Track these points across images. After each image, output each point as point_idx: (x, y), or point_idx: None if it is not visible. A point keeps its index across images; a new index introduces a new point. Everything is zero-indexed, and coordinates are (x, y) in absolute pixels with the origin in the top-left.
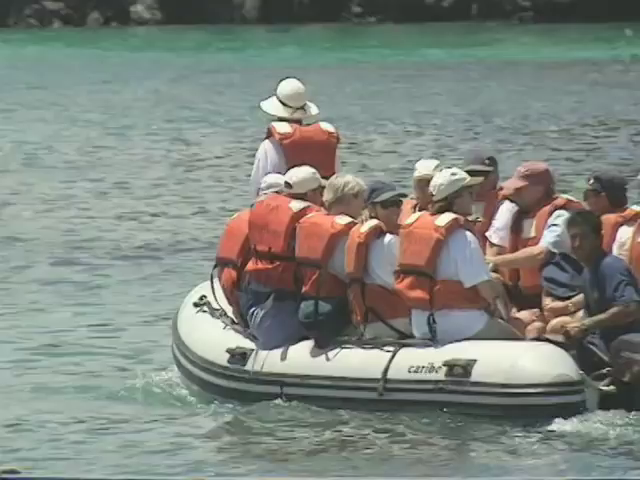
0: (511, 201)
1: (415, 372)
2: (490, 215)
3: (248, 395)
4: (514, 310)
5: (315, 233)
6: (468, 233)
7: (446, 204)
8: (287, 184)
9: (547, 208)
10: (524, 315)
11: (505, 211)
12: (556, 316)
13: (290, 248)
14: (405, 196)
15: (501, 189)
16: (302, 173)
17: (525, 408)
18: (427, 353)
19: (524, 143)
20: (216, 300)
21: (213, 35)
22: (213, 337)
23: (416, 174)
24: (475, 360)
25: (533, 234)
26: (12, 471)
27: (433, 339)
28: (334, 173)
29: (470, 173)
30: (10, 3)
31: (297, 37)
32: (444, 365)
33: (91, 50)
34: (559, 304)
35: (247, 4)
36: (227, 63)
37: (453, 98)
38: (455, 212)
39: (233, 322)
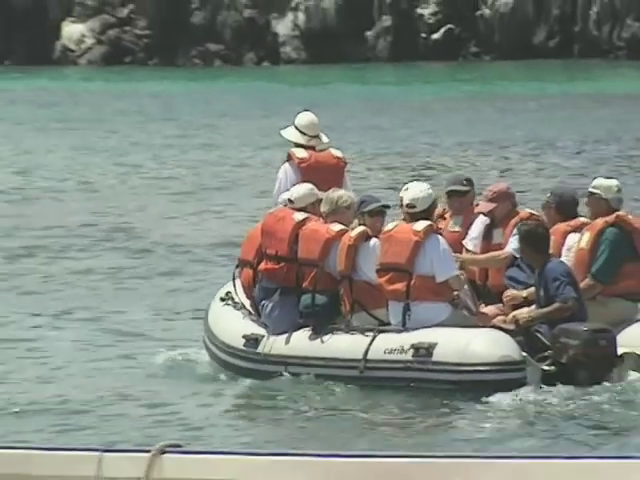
0: (485, 215)
1: (389, 353)
2: (467, 226)
3: (259, 374)
4: (482, 305)
5: (313, 238)
6: (440, 237)
7: (425, 214)
8: (289, 200)
9: (513, 220)
10: (490, 309)
11: (479, 223)
12: (513, 303)
13: (293, 252)
14: (388, 207)
15: (477, 205)
16: (302, 190)
17: (475, 383)
18: (399, 337)
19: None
20: (237, 295)
21: (349, 71)
22: (233, 325)
23: (448, 189)
24: (436, 343)
25: (500, 241)
26: (174, 445)
27: (405, 326)
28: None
29: (451, 192)
30: (178, 46)
31: (422, 73)
32: (412, 347)
33: (247, 84)
34: (515, 292)
35: (379, 45)
36: (359, 96)
37: (567, 126)
38: (429, 220)
39: (250, 313)
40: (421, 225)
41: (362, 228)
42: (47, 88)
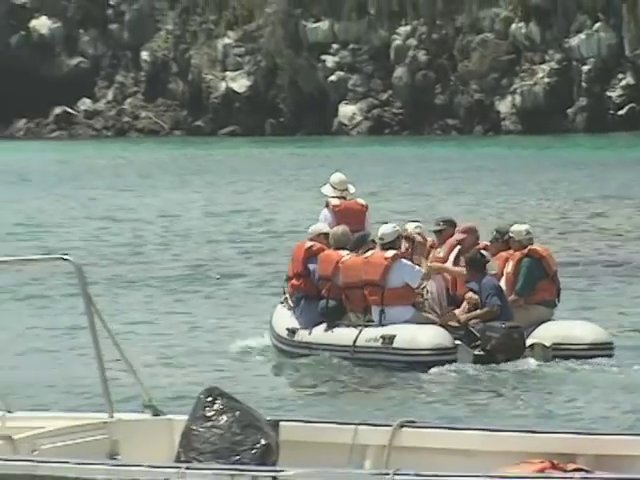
0: (458, 242)
1: (368, 342)
2: (448, 252)
3: (296, 355)
4: (452, 308)
5: (327, 261)
6: (403, 259)
7: (391, 244)
8: (325, 235)
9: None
10: (457, 311)
11: (453, 252)
12: (471, 303)
13: (306, 271)
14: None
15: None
16: (339, 230)
17: (418, 363)
18: (375, 331)
19: None
20: (287, 300)
21: (553, 139)
22: (283, 321)
23: (432, 228)
24: (395, 335)
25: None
26: (410, 421)
27: (381, 323)
28: (364, 229)
29: (434, 231)
30: (424, 120)
31: (610, 141)
32: (381, 338)
33: (475, 150)
34: (472, 295)
35: (577, 119)
36: (562, 157)
37: None
38: (394, 249)
39: (294, 313)
40: (390, 253)
41: (392, 252)
42: (330, 154)
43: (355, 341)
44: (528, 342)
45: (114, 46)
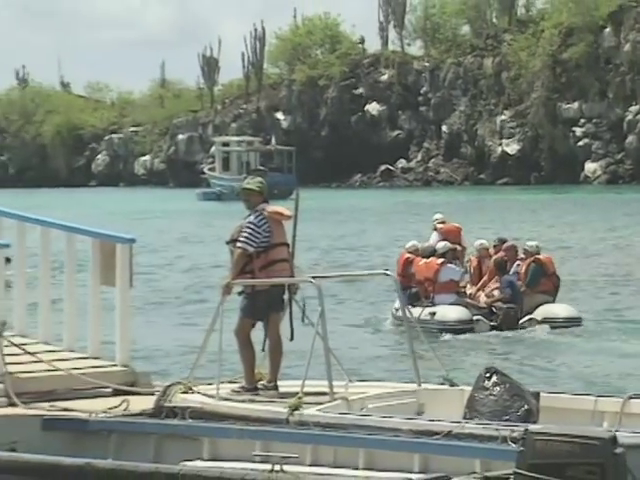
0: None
1: (425, 316)
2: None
3: (398, 326)
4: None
5: (414, 264)
6: (449, 264)
7: (442, 255)
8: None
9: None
10: (482, 297)
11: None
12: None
13: (404, 271)
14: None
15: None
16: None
17: (447, 330)
18: (428, 309)
19: None
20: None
21: None
22: (395, 305)
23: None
24: (436, 312)
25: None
26: (637, 395)
27: (433, 305)
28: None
29: (493, 245)
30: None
31: None
32: (429, 314)
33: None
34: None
35: None
36: None
37: None
38: (445, 258)
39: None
40: (440, 260)
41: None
42: (578, 198)
43: (419, 316)
44: (526, 317)
45: (422, 122)
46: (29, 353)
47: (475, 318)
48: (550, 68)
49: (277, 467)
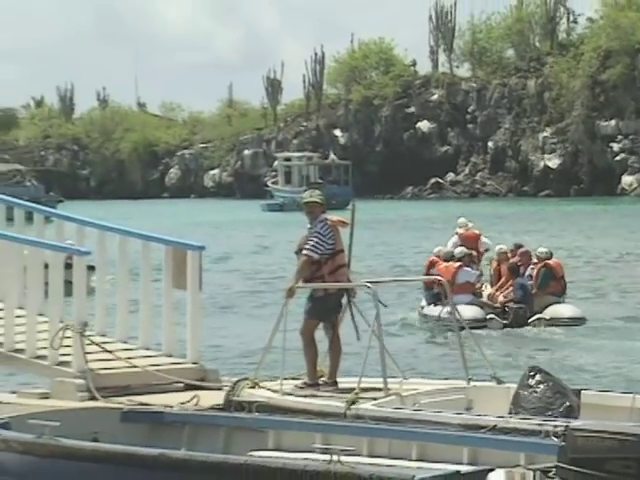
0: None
1: (444, 314)
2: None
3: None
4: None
5: (436, 267)
6: (466, 267)
7: (460, 259)
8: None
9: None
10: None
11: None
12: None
13: (428, 274)
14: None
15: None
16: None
17: (463, 328)
18: (446, 308)
19: None
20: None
21: None
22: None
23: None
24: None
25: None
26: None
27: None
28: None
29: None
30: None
31: None
32: (448, 313)
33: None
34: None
35: None
36: None
37: None
38: (462, 261)
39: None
40: (457, 264)
41: (458, 263)
42: (617, 209)
43: (440, 314)
44: (535, 317)
45: (470, 138)
46: (108, 351)
47: (489, 317)
48: (589, 88)
49: (335, 458)
